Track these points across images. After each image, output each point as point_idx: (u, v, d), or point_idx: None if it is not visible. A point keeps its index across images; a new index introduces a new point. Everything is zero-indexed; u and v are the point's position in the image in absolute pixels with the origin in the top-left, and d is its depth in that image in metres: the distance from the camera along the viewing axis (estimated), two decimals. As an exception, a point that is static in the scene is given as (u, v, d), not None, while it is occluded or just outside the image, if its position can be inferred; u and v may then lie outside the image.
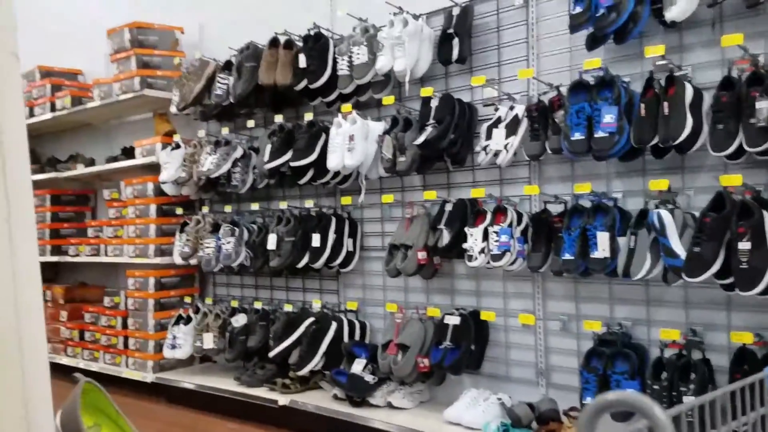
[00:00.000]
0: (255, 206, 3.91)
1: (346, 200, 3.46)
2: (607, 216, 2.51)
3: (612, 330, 2.61)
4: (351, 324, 3.43)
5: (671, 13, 2.31)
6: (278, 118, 3.62)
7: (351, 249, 3.45)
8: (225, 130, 3.94)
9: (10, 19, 0.69)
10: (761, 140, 2.04)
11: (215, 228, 3.85)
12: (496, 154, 2.79)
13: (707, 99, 2.28)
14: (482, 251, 2.77)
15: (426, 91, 3.03)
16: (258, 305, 3.85)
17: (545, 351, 2.90)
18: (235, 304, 4.00)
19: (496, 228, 2.74)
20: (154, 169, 4.21)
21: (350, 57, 3.20)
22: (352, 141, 3.14)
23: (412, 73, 3.06)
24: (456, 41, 2.98)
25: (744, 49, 2.16)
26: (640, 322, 2.62)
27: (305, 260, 3.42)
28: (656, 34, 2.51)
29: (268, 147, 3.46)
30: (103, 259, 4.59)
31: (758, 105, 2.02)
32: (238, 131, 4.00)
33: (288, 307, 3.68)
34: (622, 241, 2.45)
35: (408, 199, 3.28)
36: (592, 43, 2.57)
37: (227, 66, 3.78)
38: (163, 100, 4.22)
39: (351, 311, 3.52)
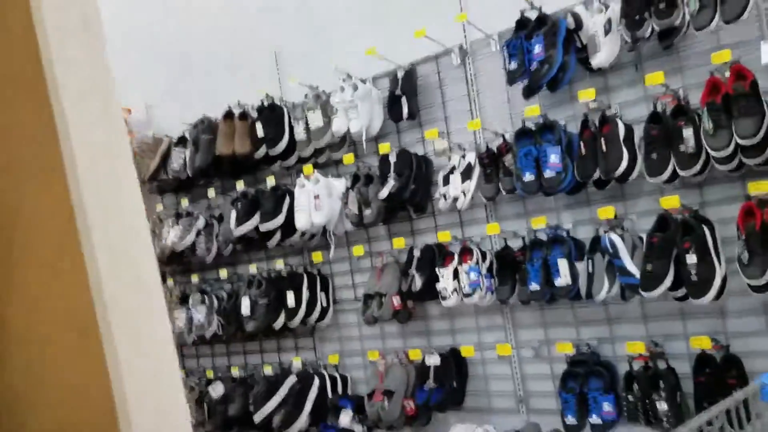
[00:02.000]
0: (223, 273, 3.97)
1: (317, 257, 3.59)
2: (563, 246, 2.74)
3: (582, 351, 2.81)
4: (332, 378, 3.50)
5: (596, 60, 2.61)
6: (239, 185, 3.74)
7: (325, 304, 3.56)
8: (184, 202, 4.02)
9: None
10: (691, 164, 2.32)
11: (184, 299, 3.88)
12: (455, 199, 3.00)
13: (638, 132, 2.57)
14: (454, 290, 2.95)
15: (384, 147, 3.24)
16: (234, 371, 3.87)
17: (522, 378, 3.07)
18: (210, 374, 4.00)
19: (464, 267, 2.93)
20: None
21: (306, 122, 3.38)
22: (317, 199, 3.29)
23: (367, 132, 3.26)
24: (404, 100, 3.20)
25: (666, 86, 2.46)
26: (605, 340, 2.83)
27: (281, 320, 3.50)
28: (584, 79, 2.80)
29: (233, 213, 3.56)
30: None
31: (685, 134, 2.31)
32: (197, 201, 4.08)
33: (267, 369, 3.72)
34: (579, 266, 2.67)
35: (375, 250, 3.44)
36: (529, 93, 2.84)
37: (181, 141, 3.89)
38: (117, 179, 4.25)
39: (331, 365, 3.59)
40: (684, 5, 2.36)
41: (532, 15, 2.74)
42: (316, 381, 3.43)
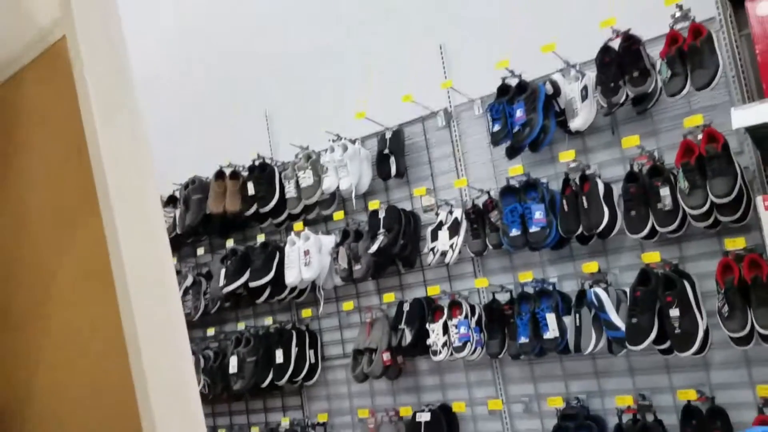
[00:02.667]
0: (210, 331, 3.96)
1: (306, 312, 3.61)
2: (550, 299, 2.81)
3: (572, 404, 2.85)
4: (321, 437, 3.48)
5: (575, 124, 2.75)
6: (229, 243, 3.78)
7: (313, 361, 3.56)
8: (173, 260, 4.03)
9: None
10: (669, 221, 2.44)
11: (170, 358, 3.84)
12: (443, 253, 3.08)
13: (616, 191, 2.69)
14: (445, 345, 2.99)
15: (373, 204, 3.33)
16: None
17: (512, 434, 3.09)
18: (195, 434, 3.92)
19: (454, 321, 2.98)
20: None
21: (297, 180, 3.47)
22: (307, 255, 3.34)
23: (357, 189, 3.35)
24: (392, 159, 3.32)
25: (641, 148, 2.60)
26: (593, 393, 2.87)
27: (269, 378, 3.48)
28: (564, 141, 2.94)
29: (223, 271, 3.59)
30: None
31: (662, 192, 2.43)
32: (185, 260, 4.10)
33: (254, 430, 3.67)
34: (567, 320, 2.74)
35: (364, 305, 3.48)
36: (512, 153, 2.97)
37: (171, 200, 3.94)
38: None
39: (320, 425, 3.57)
40: (656, 73, 2.53)
41: (513, 82, 2.90)
42: (306, 440, 3.40)
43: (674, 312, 2.35)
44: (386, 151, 3.33)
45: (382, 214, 3.27)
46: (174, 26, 4.41)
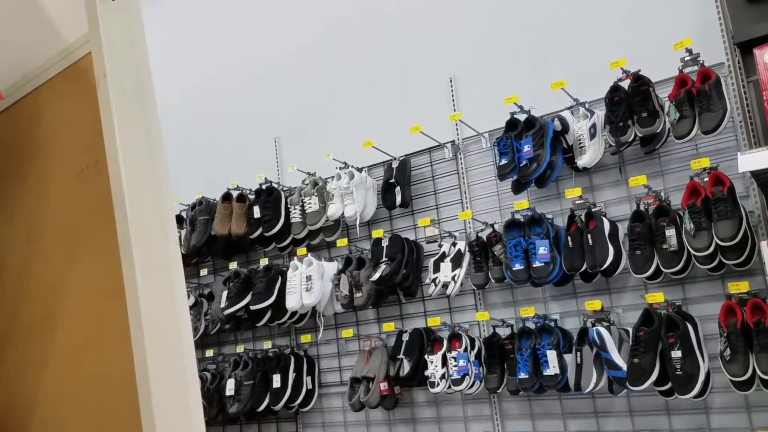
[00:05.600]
0: (209, 352, 3.94)
1: (305, 338, 3.60)
2: (551, 336, 2.80)
3: (569, 443, 2.82)
4: (314, 465, 3.43)
5: (582, 161, 2.77)
6: (232, 265, 3.78)
7: (310, 387, 3.53)
8: (176, 279, 4.03)
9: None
10: (674, 262, 2.44)
11: (166, 378, 3.82)
12: (445, 285, 3.07)
13: (622, 230, 2.70)
14: (443, 377, 2.96)
15: (377, 233, 3.34)
16: (214, 456, 3.77)
17: (508, 471, 3.04)
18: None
19: (453, 353, 2.96)
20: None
21: (302, 206, 3.49)
22: (309, 281, 3.34)
23: (361, 217, 3.36)
24: (398, 189, 3.34)
25: (648, 187, 2.62)
26: (592, 433, 2.85)
27: (266, 403, 3.45)
28: (571, 177, 2.97)
29: (225, 293, 3.58)
30: None
31: (667, 233, 2.44)
32: (188, 279, 4.10)
33: (248, 454, 3.63)
34: (568, 358, 2.73)
35: (364, 333, 3.46)
36: (518, 188, 2.99)
37: (178, 220, 3.96)
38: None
39: (313, 451, 3.52)
40: (665, 115, 2.56)
41: (521, 117, 2.93)
42: (299, 468, 3.35)
43: (676, 353, 2.34)
44: (392, 180, 3.35)
45: (385, 243, 3.27)
46: (187, 51, 4.49)
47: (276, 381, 3.44)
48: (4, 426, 1.12)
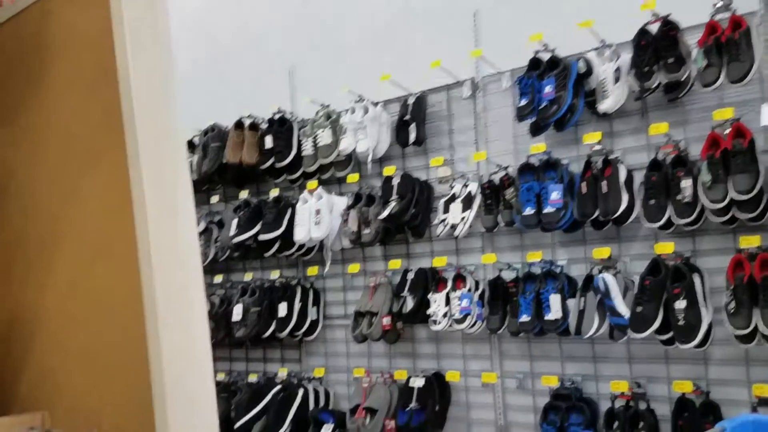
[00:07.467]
0: (218, 278, 4.00)
1: (312, 271, 3.64)
2: (557, 281, 2.81)
3: (565, 386, 2.87)
4: (316, 392, 3.53)
5: (604, 105, 2.71)
6: (242, 194, 3.79)
7: (315, 318, 3.60)
8: (187, 205, 4.06)
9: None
10: (687, 213, 2.41)
11: (175, 301, 3.90)
12: (453, 226, 3.07)
13: (638, 178, 2.67)
14: (445, 315, 3.00)
15: (389, 170, 3.32)
16: (221, 376, 3.88)
17: (504, 408, 3.12)
18: (193, 377, 4.00)
19: (457, 293, 2.99)
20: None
21: (315, 139, 3.46)
22: (318, 215, 3.35)
23: (373, 153, 3.33)
24: (413, 126, 3.29)
25: (668, 136, 2.56)
26: (589, 377, 2.89)
27: (271, 330, 3.53)
28: (590, 122, 2.90)
29: (235, 221, 3.61)
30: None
31: (683, 184, 2.40)
32: (199, 206, 4.12)
33: (252, 377, 3.73)
34: (571, 303, 2.74)
35: (370, 269, 3.49)
36: (536, 130, 2.94)
37: (189, 145, 3.94)
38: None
39: (315, 379, 3.62)
40: (692, 62, 2.48)
41: (545, 56, 2.85)
42: (300, 393, 3.46)
43: (680, 304, 2.34)
44: (407, 117, 3.30)
45: (396, 181, 3.25)
46: (206, -30, 4.36)
47: (282, 310, 3.51)
48: (11, 336, 1.14)
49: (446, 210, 3.12)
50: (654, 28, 2.58)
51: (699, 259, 2.59)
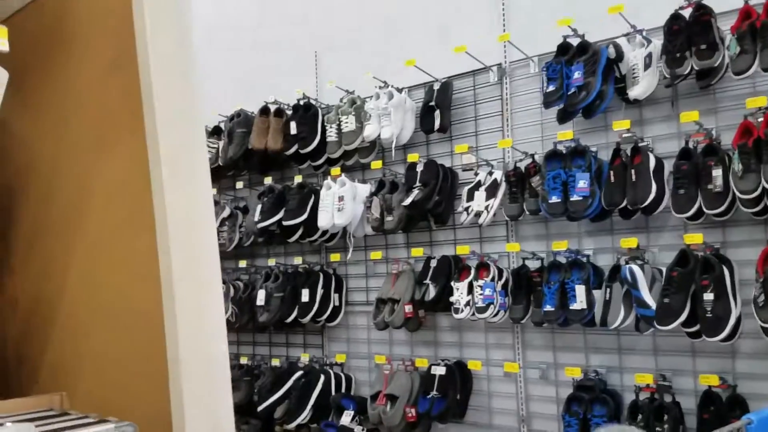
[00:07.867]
0: (242, 263, 4.03)
1: (334, 257, 3.64)
2: (582, 271, 2.77)
3: (589, 377, 2.83)
4: (337, 377, 3.55)
5: (634, 92, 2.64)
6: (267, 180, 3.81)
7: (337, 304, 3.61)
8: (213, 191, 4.09)
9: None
10: (717, 203, 2.35)
11: (200, 285, 3.94)
12: (478, 214, 3.04)
13: (667, 167, 2.60)
14: (468, 304, 2.98)
15: (412, 157, 3.29)
16: (244, 360, 3.92)
17: (526, 399, 3.09)
18: (217, 360, 4.05)
19: (480, 282, 2.96)
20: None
21: (339, 125, 3.45)
22: (341, 201, 3.35)
23: (397, 140, 3.32)
24: (437, 113, 3.26)
25: (699, 124, 2.50)
26: (613, 369, 2.85)
27: (294, 315, 3.55)
28: (619, 110, 2.84)
29: (259, 207, 3.63)
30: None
31: (714, 173, 2.34)
32: (224, 191, 4.16)
33: (275, 362, 3.77)
34: (597, 293, 2.70)
35: (392, 256, 3.49)
36: (563, 117, 2.88)
37: (216, 131, 3.97)
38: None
39: (337, 364, 3.64)
40: (725, 48, 2.40)
41: (574, 41, 2.79)
42: (322, 378, 3.48)
43: (708, 296, 2.29)
44: (432, 103, 3.26)
45: (420, 168, 3.23)
46: (233, -44, 4.36)
47: (305, 295, 3.52)
48: (32, 321, 1.16)
49: (470, 198, 3.09)
50: (687, 13, 2.51)
51: (729, 250, 2.52)
